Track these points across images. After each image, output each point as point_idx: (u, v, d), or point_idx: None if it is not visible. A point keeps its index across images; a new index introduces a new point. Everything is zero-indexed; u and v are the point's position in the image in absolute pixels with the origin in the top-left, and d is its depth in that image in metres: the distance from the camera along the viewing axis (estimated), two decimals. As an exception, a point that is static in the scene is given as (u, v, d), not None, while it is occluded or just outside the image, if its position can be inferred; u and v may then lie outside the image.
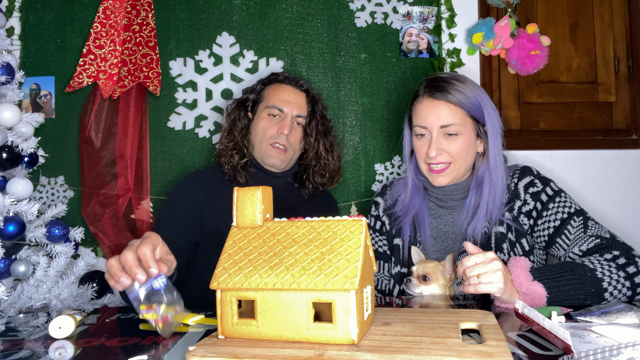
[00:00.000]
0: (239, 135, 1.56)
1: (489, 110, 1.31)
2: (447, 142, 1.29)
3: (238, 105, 1.61)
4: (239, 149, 1.55)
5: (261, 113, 1.56)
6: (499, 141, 1.32)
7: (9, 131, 1.58)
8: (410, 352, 0.69)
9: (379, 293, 1.43)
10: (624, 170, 1.92)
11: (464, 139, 1.29)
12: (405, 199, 1.42)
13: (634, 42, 1.96)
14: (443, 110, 1.28)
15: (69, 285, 1.63)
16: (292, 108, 1.53)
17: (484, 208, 1.30)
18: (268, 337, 0.76)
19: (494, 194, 1.30)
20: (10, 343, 0.90)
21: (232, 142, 1.55)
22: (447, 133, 1.29)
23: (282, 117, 1.53)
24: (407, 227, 1.40)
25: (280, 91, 1.55)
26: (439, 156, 1.30)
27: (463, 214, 1.34)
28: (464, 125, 1.29)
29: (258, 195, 0.86)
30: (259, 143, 1.54)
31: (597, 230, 1.19)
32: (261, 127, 1.53)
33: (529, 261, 1.09)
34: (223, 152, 1.55)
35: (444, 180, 1.33)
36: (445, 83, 1.30)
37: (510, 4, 1.88)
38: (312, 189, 1.61)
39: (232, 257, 0.82)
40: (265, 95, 1.58)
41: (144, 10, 1.87)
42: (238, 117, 1.59)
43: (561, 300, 1.05)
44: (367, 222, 1.48)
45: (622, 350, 0.74)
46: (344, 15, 1.91)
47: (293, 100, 1.54)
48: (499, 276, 0.98)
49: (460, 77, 1.33)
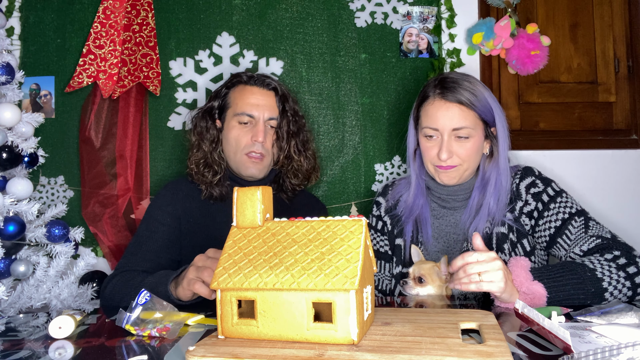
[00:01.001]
0: (209, 149, 1.46)
1: (499, 113, 1.30)
2: (457, 145, 1.28)
3: (203, 115, 1.50)
4: (210, 164, 1.45)
5: (230, 121, 1.46)
6: (507, 143, 1.31)
7: (9, 131, 1.58)
8: (410, 352, 0.69)
9: (380, 293, 1.43)
10: (624, 170, 1.92)
11: (474, 141, 1.28)
12: (408, 199, 1.41)
13: (634, 42, 1.96)
14: (455, 113, 1.26)
15: (69, 285, 1.63)
16: (262, 111, 1.44)
17: (486, 208, 1.30)
18: (268, 337, 0.76)
19: (498, 196, 1.30)
20: (10, 343, 0.90)
21: (202, 159, 1.45)
22: (458, 136, 1.27)
23: (254, 122, 1.44)
24: (408, 228, 1.39)
25: (247, 94, 1.45)
26: (449, 159, 1.28)
27: (465, 214, 1.34)
28: (475, 128, 1.27)
29: (258, 195, 0.86)
30: (233, 154, 1.45)
31: (598, 231, 1.19)
32: (233, 137, 1.44)
33: (529, 261, 1.09)
34: (194, 170, 1.45)
35: (450, 180, 1.32)
36: (456, 84, 1.28)
37: (510, 4, 1.88)
38: (291, 190, 1.54)
39: (232, 257, 0.82)
40: (232, 100, 1.47)
41: (144, 10, 1.87)
42: (205, 128, 1.48)
43: (561, 300, 1.05)
44: (368, 222, 1.50)
45: (622, 350, 0.74)
46: (344, 15, 1.91)
47: (262, 102, 1.44)
48: (500, 275, 0.98)
49: (469, 78, 1.31)
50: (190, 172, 1.47)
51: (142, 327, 0.91)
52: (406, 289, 1.24)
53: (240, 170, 1.46)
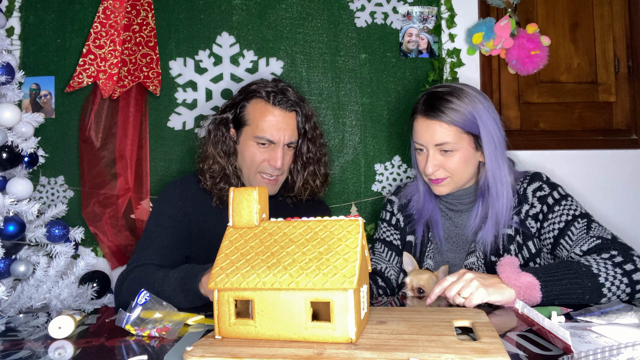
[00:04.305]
0: (226, 162, 1.42)
1: (486, 123, 1.29)
2: (444, 158, 1.31)
3: (218, 125, 1.45)
4: (227, 177, 1.43)
5: (248, 141, 1.40)
6: (499, 152, 1.31)
7: (9, 131, 1.58)
8: (408, 349, 0.69)
9: (383, 282, 1.46)
10: (624, 170, 1.92)
11: (461, 154, 1.30)
12: (418, 203, 1.45)
13: (634, 42, 1.95)
14: (436, 130, 1.29)
15: (69, 285, 1.63)
16: (282, 135, 1.38)
17: (492, 220, 1.31)
18: (266, 337, 0.76)
19: (500, 207, 1.30)
20: (10, 343, 0.90)
21: (220, 173, 1.42)
22: (444, 149, 1.30)
23: (273, 146, 1.39)
24: (420, 229, 1.44)
25: (267, 116, 1.38)
26: (437, 172, 1.32)
27: (471, 219, 1.36)
28: (459, 141, 1.29)
29: (254, 196, 0.86)
30: (247, 169, 1.42)
31: (599, 232, 1.20)
32: (249, 156, 1.40)
33: (518, 259, 1.12)
34: (209, 182, 1.42)
35: (444, 190, 1.36)
36: (440, 101, 1.29)
37: (510, 4, 1.88)
38: (298, 199, 1.52)
39: (229, 257, 0.82)
40: (250, 117, 1.40)
41: (144, 10, 1.87)
42: (222, 140, 1.43)
43: (559, 296, 1.06)
44: (382, 216, 1.55)
45: (622, 350, 0.74)
46: (344, 15, 1.91)
47: (283, 126, 1.38)
48: (475, 284, 1.04)
49: (456, 92, 1.31)
50: (204, 183, 1.44)
51: (142, 327, 0.91)
52: (406, 303, 1.23)
53: (251, 184, 1.44)
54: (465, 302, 1.03)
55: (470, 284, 1.04)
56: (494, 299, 1.04)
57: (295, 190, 1.48)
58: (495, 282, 1.06)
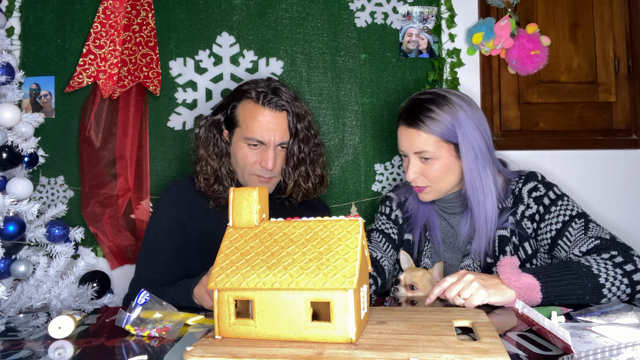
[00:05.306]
0: (218, 164, 1.42)
1: (465, 132, 1.27)
2: (424, 166, 1.31)
3: (210, 127, 1.44)
4: (220, 179, 1.43)
5: (239, 142, 1.40)
6: (480, 161, 1.28)
7: (9, 131, 1.58)
8: (408, 349, 0.69)
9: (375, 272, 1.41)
10: (624, 170, 1.92)
11: (441, 162, 1.30)
12: (414, 207, 1.46)
13: (634, 42, 1.95)
14: (415, 139, 1.29)
15: (69, 285, 1.63)
16: (272, 136, 1.37)
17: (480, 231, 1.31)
18: (266, 337, 0.76)
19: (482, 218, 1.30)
20: (10, 343, 0.90)
21: (213, 175, 1.42)
22: (424, 157, 1.30)
23: (264, 147, 1.38)
24: (417, 231, 1.44)
25: (258, 117, 1.36)
26: (417, 179, 1.33)
27: (461, 226, 1.37)
28: (438, 150, 1.29)
29: (254, 195, 0.86)
30: (240, 170, 1.43)
31: (597, 232, 1.20)
32: (241, 157, 1.40)
33: (517, 260, 1.12)
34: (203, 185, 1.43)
35: (427, 197, 1.37)
36: (421, 110, 1.29)
37: (510, 4, 1.88)
38: (295, 200, 1.51)
39: (229, 257, 0.82)
40: (241, 118, 1.39)
41: (144, 10, 1.87)
42: (213, 142, 1.43)
43: (559, 296, 1.06)
44: (381, 210, 1.55)
45: (622, 350, 0.74)
46: (344, 15, 1.91)
47: (273, 127, 1.37)
48: (476, 285, 1.04)
49: (438, 100, 1.29)
50: (199, 185, 1.44)
51: (142, 327, 0.91)
52: (397, 296, 1.26)
53: (247, 185, 1.44)
54: (466, 303, 1.03)
55: (470, 285, 1.04)
56: (494, 300, 1.04)
57: (287, 192, 1.46)
58: (496, 283, 1.06)
